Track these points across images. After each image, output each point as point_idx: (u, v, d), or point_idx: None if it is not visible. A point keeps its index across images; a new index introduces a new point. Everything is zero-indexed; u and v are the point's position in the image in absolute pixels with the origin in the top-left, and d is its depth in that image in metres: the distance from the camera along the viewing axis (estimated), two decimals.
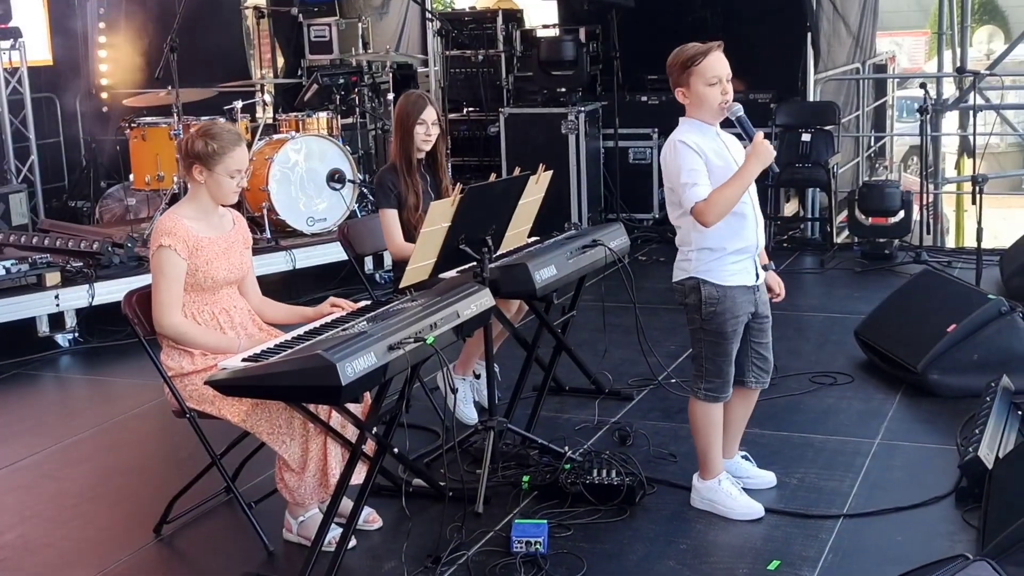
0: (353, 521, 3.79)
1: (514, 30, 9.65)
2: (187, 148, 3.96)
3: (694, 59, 3.81)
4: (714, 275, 3.86)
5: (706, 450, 4.02)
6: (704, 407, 3.98)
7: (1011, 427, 4.38)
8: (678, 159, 3.80)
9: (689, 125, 3.88)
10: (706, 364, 3.94)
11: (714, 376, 3.94)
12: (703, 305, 3.86)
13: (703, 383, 3.96)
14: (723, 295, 3.85)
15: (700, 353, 3.96)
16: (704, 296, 3.86)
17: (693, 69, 3.81)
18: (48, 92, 9.69)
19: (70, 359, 6.51)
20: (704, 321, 3.89)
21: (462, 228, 4.15)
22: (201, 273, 3.92)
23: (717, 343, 3.91)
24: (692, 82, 3.82)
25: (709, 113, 3.85)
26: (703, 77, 3.81)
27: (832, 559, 3.70)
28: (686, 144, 3.80)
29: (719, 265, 3.86)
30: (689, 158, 3.78)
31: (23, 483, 4.73)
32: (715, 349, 3.92)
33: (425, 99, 4.97)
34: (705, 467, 4.05)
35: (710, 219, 3.73)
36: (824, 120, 8.40)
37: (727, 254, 3.85)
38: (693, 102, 3.86)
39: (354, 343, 3.42)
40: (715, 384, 3.95)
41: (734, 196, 3.75)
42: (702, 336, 3.93)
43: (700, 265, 3.87)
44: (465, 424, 4.82)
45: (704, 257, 3.87)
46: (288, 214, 7.65)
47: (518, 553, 3.74)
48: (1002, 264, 6.97)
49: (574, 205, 8.67)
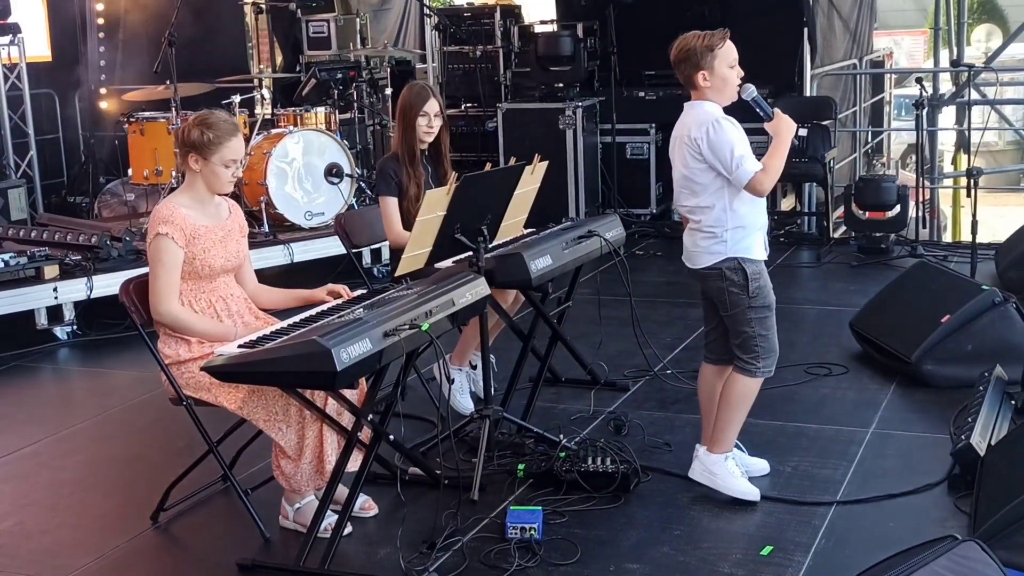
0: (349, 508, 3.81)
1: (512, 26, 9.66)
2: (184, 137, 3.98)
3: (718, 42, 3.89)
4: (750, 251, 3.95)
5: (729, 425, 4.06)
6: (756, 383, 4.04)
7: (1004, 416, 4.41)
8: (725, 135, 3.85)
9: (713, 107, 3.93)
10: (760, 342, 3.98)
11: (769, 351, 4.01)
12: (749, 282, 3.93)
13: (760, 361, 4.00)
14: (760, 269, 3.98)
15: (752, 332, 3.98)
16: (749, 273, 3.93)
17: (718, 52, 3.88)
18: (47, 88, 9.72)
19: (68, 351, 6.53)
20: (751, 298, 3.94)
21: (458, 217, 4.17)
22: (198, 261, 3.94)
23: (766, 317, 3.98)
24: (717, 65, 3.88)
25: (727, 95, 3.94)
26: (727, 59, 3.90)
27: (825, 544, 3.73)
28: (728, 120, 3.89)
29: (751, 242, 3.96)
30: (734, 134, 3.87)
31: (21, 472, 4.75)
32: (765, 324, 3.99)
33: (428, 91, 4.96)
34: (719, 441, 4.07)
35: (767, 187, 3.87)
36: (820, 115, 8.42)
37: (755, 231, 3.97)
38: (715, 85, 3.91)
39: (350, 329, 3.44)
40: (771, 359, 4.02)
41: (781, 166, 3.88)
42: (751, 315, 3.97)
43: (736, 245, 3.93)
44: (461, 414, 4.84)
45: (738, 236, 3.93)
46: (286, 208, 7.68)
47: (513, 539, 3.77)
48: (997, 258, 7.00)
49: (571, 200, 8.69)
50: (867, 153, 10.96)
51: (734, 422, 4.06)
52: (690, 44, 3.91)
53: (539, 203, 4.84)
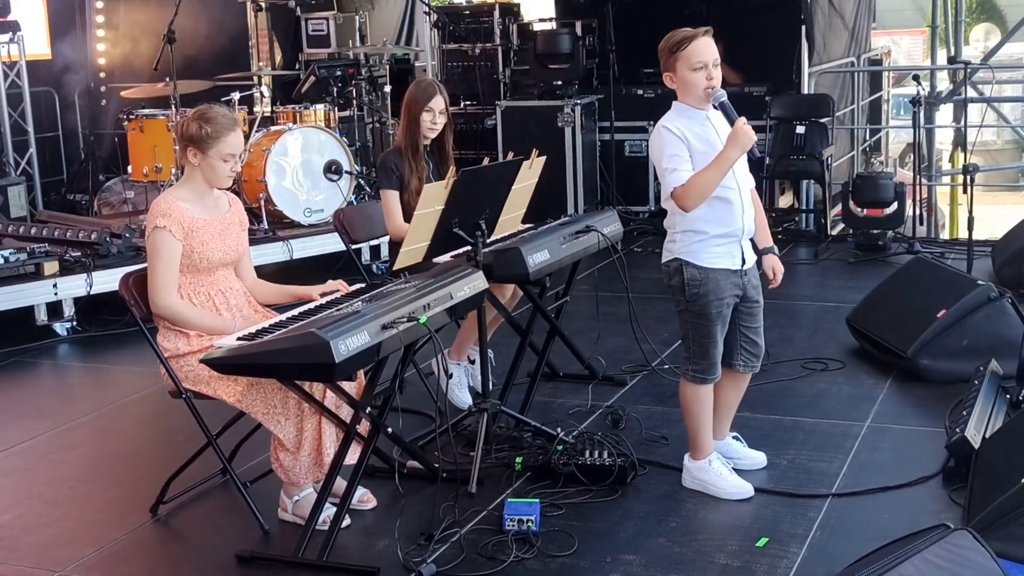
0: (347, 500, 3.84)
1: (511, 24, 9.68)
2: (183, 131, 4.00)
3: (680, 44, 3.86)
4: (697, 257, 3.91)
5: (697, 431, 4.07)
6: (693, 388, 4.03)
7: (998, 410, 4.43)
8: (661, 144, 3.87)
9: (677, 111, 3.94)
10: (693, 346, 4.00)
11: (700, 358, 3.99)
12: (686, 287, 3.92)
13: (691, 365, 4.01)
14: (705, 277, 3.90)
15: (687, 335, 4.01)
16: (687, 278, 3.91)
17: (679, 54, 3.86)
18: (47, 86, 9.74)
19: (68, 347, 6.55)
20: (688, 303, 3.94)
21: (456, 211, 4.19)
22: (197, 254, 3.96)
23: (702, 325, 3.95)
24: (678, 67, 3.87)
25: (695, 98, 3.90)
26: (688, 62, 3.85)
27: (820, 536, 3.75)
28: (668, 129, 3.86)
29: (702, 248, 3.91)
30: (671, 143, 3.84)
31: (21, 466, 4.77)
32: (700, 331, 3.97)
33: (435, 87, 4.97)
34: (696, 447, 4.09)
35: (689, 203, 3.79)
36: (818, 113, 8.44)
37: (710, 237, 3.91)
38: (679, 87, 3.91)
39: (348, 322, 3.46)
40: (702, 366, 3.99)
41: (713, 181, 3.78)
42: (688, 318, 3.98)
43: (683, 247, 3.93)
44: (459, 408, 4.86)
45: (688, 239, 3.92)
46: (285, 205, 7.70)
47: (510, 531, 3.79)
48: (993, 254, 7.03)
49: (570, 197, 8.72)
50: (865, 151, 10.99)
51: (698, 427, 4.06)
52: (661, 45, 3.93)
53: (538, 201, 4.87)
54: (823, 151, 8.24)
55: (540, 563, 3.65)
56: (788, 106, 8.53)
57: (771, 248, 4.11)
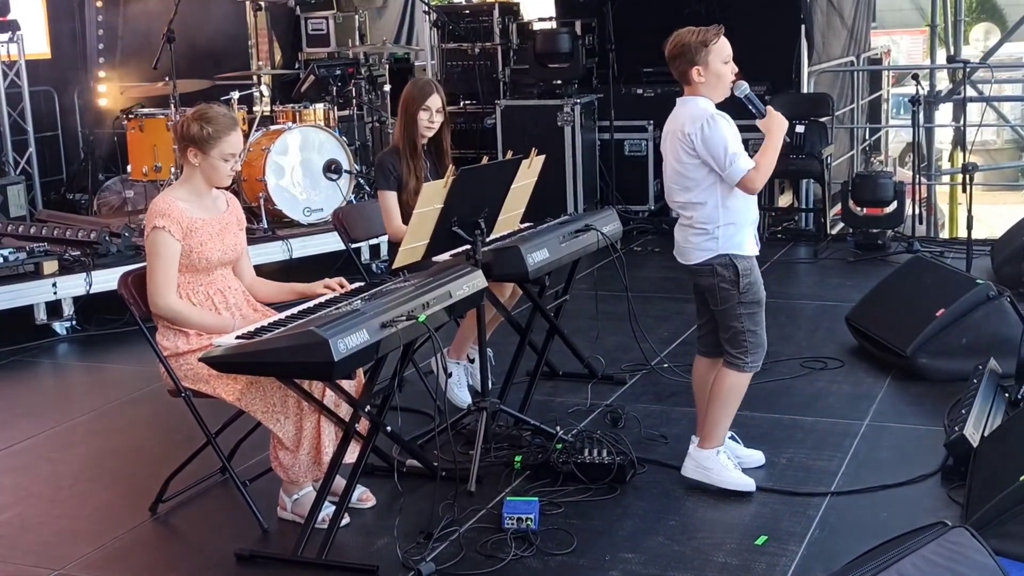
0: (346, 499, 3.84)
1: (510, 23, 9.68)
2: (182, 131, 4.00)
3: (712, 38, 3.90)
4: (742, 248, 3.97)
5: (720, 420, 4.08)
6: (745, 378, 4.06)
7: (997, 408, 4.43)
8: (719, 132, 3.87)
9: (708, 103, 3.95)
10: (749, 337, 4.01)
11: (758, 346, 4.03)
12: (740, 278, 3.95)
13: (749, 356, 4.02)
14: (751, 265, 3.99)
15: (741, 327, 4.00)
16: (740, 270, 3.95)
17: (711, 48, 3.90)
18: (46, 85, 9.73)
19: (67, 346, 6.55)
20: (742, 294, 3.97)
21: (455, 210, 4.20)
22: (195, 254, 3.96)
23: (755, 313, 4.01)
24: (711, 60, 3.90)
25: (721, 91, 3.95)
26: (721, 55, 3.91)
27: (819, 534, 3.75)
28: (724, 117, 3.91)
29: (743, 238, 3.98)
30: (728, 130, 3.89)
31: (20, 464, 4.77)
32: (755, 319, 4.01)
33: (432, 86, 4.96)
34: (711, 436, 4.09)
35: (759, 185, 3.90)
36: (818, 112, 8.44)
37: (746, 226, 3.98)
38: (709, 81, 3.92)
39: (347, 320, 3.47)
40: (759, 354, 4.04)
41: (773, 163, 3.91)
42: (741, 311, 3.99)
43: (727, 241, 3.95)
44: (458, 407, 4.87)
45: (730, 232, 3.95)
46: (285, 204, 7.70)
47: (509, 529, 3.79)
48: (993, 253, 7.04)
49: (570, 197, 8.71)
50: (865, 151, 10.99)
51: (725, 417, 4.08)
52: (685, 40, 3.92)
53: (537, 200, 4.86)
54: (822, 150, 8.24)
55: (539, 561, 3.65)
56: (787, 105, 8.46)
57: None
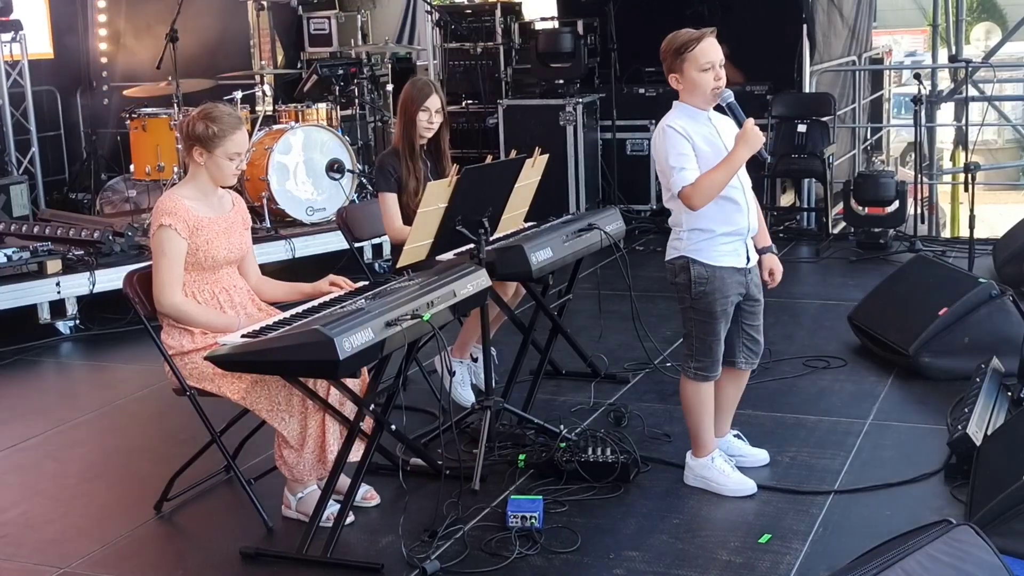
0: (351, 497, 3.85)
1: (512, 22, 9.70)
2: (188, 130, 4.01)
3: (687, 45, 3.87)
4: (703, 255, 3.92)
5: (697, 428, 4.08)
6: (694, 386, 4.04)
7: (1000, 407, 4.44)
8: (666, 143, 3.87)
9: (680, 110, 3.94)
10: (696, 343, 4.00)
11: (703, 355, 4.00)
12: (692, 284, 3.93)
13: (693, 362, 4.02)
14: (712, 275, 3.92)
15: (690, 332, 4.02)
16: (693, 275, 3.92)
17: (686, 55, 3.86)
18: (49, 85, 9.74)
19: (71, 345, 6.57)
20: (693, 300, 3.95)
21: (459, 209, 4.20)
22: (201, 253, 3.97)
23: (706, 322, 3.96)
24: (685, 68, 3.88)
25: (701, 99, 3.91)
26: (696, 63, 3.86)
27: (822, 533, 3.76)
28: (674, 128, 3.87)
29: (709, 246, 3.92)
30: (677, 142, 3.84)
31: (26, 463, 4.79)
32: (704, 328, 3.97)
33: (431, 86, 4.96)
34: (697, 445, 4.11)
35: (697, 203, 3.81)
36: (820, 111, 8.45)
37: (717, 235, 3.92)
38: (686, 88, 3.91)
39: (352, 319, 3.48)
40: (704, 363, 4.00)
41: (722, 180, 3.81)
42: (692, 315, 3.99)
43: (690, 245, 3.93)
44: (462, 406, 4.88)
45: (694, 237, 3.93)
46: (287, 204, 7.71)
47: (513, 527, 3.80)
48: (995, 252, 7.04)
49: (572, 196, 8.73)
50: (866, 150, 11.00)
51: (699, 424, 4.07)
52: (665, 46, 3.93)
53: (540, 199, 4.87)
54: (824, 149, 8.25)
55: (543, 559, 3.66)
56: (789, 105, 8.54)
57: (770, 247, 4.12)
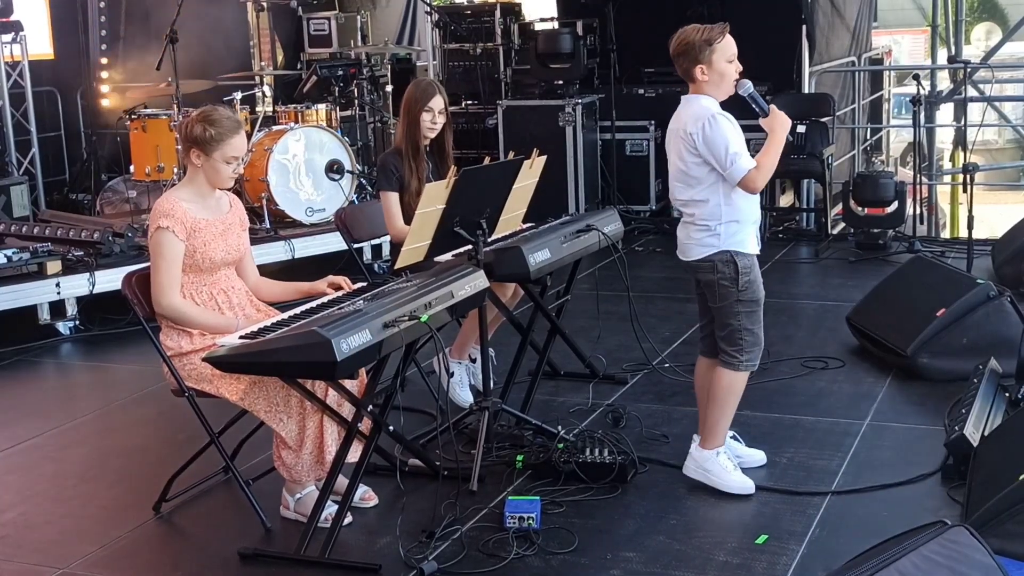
0: (349, 498, 3.86)
1: (512, 23, 9.70)
2: (186, 132, 4.02)
3: (716, 36, 3.91)
4: (743, 245, 3.98)
5: (719, 420, 4.09)
6: (740, 377, 4.07)
7: (997, 408, 4.44)
8: (721, 131, 3.88)
9: (711, 102, 3.96)
10: (746, 336, 4.02)
11: (754, 345, 4.03)
12: (740, 276, 3.96)
13: (744, 355, 4.03)
14: (752, 263, 4.00)
15: (739, 325, 4.01)
16: (740, 267, 3.96)
17: (716, 46, 3.91)
18: (49, 86, 9.75)
19: (71, 346, 6.58)
20: (741, 292, 3.98)
21: (457, 210, 4.21)
22: (199, 254, 3.98)
23: (754, 311, 4.01)
24: (714, 59, 3.91)
25: (725, 89, 3.96)
26: (725, 54, 3.92)
27: (819, 534, 3.77)
28: (725, 117, 3.91)
29: (744, 236, 3.99)
30: (730, 130, 3.90)
31: (25, 463, 4.79)
32: (753, 318, 4.02)
33: (435, 87, 4.97)
34: (710, 437, 4.10)
35: (760, 185, 3.91)
36: (819, 112, 8.45)
37: (748, 224, 4.00)
38: (712, 79, 3.94)
39: (350, 320, 3.49)
40: (755, 353, 4.05)
41: (775, 163, 3.93)
42: (739, 308, 4.00)
43: (729, 238, 3.96)
44: (460, 406, 4.88)
45: (732, 230, 3.96)
46: (287, 204, 7.72)
47: (511, 528, 3.81)
48: (994, 253, 7.05)
49: (571, 197, 8.73)
50: (866, 150, 11.00)
51: (723, 417, 4.09)
52: (689, 38, 3.94)
53: (539, 200, 4.88)
54: (823, 150, 8.25)
55: (541, 560, 3.67)
56: (789, 105, 8.42)
57: None
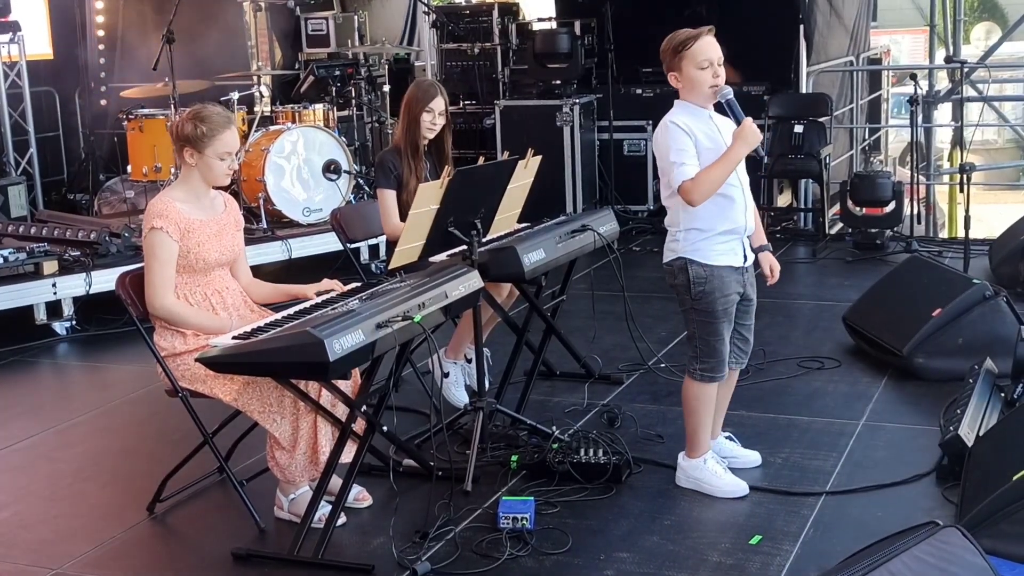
0: (343, 499, 3.85)
1: (510, 23, 9.69)
2: (177, 132, 4.01)
3: (685, 43, 3.88)
4: (701, 255, 3.93)
5: (696, 429, 4.08)
6: (699, 387, 4.04)
7: (993, 408, 4.44)
8: (668, 139, 3.88)
9: (682, 108, 3.95)
10: (699, 344, 4.00)
11: (708, 356, 4.00)
12: (691, 285, 3.93)
13: (698, 363, 4.02)
14: (710, 274, 3.92)
15: (693, 334, 4.02)
16: (692, 276, 3.93)
17: (684, 53, 3.88)
18: (47, 86, 9.75)
19: (67, 346, 6.57)
20: (694, 300, 3.95)
21: (451, 210, 4.21)
22: (193, 255, 3.98)
23: (708, 323, 3.97)
24: (683, 66, 3.89)
25: (701, 96, 3.92)
26: (694, 61, 3.88)
27: (813, 534, 3.76)
28: (676, 124, 3.88)
29: (707, 245, 3.93)
30: (679, 138, 3.86)
31: (19, 463, 4.79)
32: (706, 329, 3.98)
33: (436, 88, 4.96)
34: (693, 446, 4.10)
35: (696, 198, 3.81)
36: (817, 112, 8.44)
37: (715, 234, 3.92)
38: (685, 86, 3.92)
39: (343, 321, 3.48)
40: (710, 364, 4.01)
41: (720, 177, 3.82)
42: (694, 316, 3.99)
43: (688, 245, 3.94)
44: (455, 406, 4.88)
45: (692, 237, 3.93)
46: (284, 204, 7.72)
47: (505, 529, 3.80)
48: (991, 253, 7.05)
49: (569, 197, 8.74)
50: (864, 150, 11.00)
51: (700, 425, 4.07)
52: (664, 45, 3.94)
53: (537, 200, 4.88)
54: (821, 150, 8.25)
55: (534, 561, 3.66)
56: (786, 105, 8.54)
57: (766, 246, 4.13)
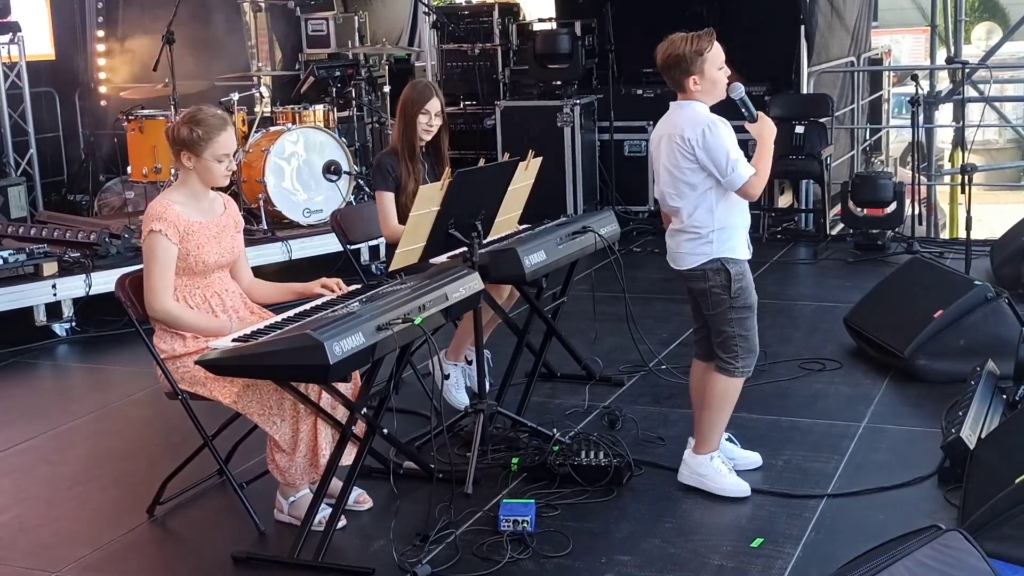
0: (343, 501, 3.84)
1: (510, 24, 9.69)
2: (174, 135, 3.99)
3: (706, 46, 3.89)
4: (735, 252, 3.97)
5: (714, 425, 4.08)
6: (736, 383, 4.06)
7: (995, 410, 4.43)
8: (720, 139, 3.86)
9: (703, 107, 3.95)
10: (740, 342, 4.01)
11: (749, 351, 4.02)
12: (732, 283, 3.95)
13: (740, 361, 4.02)
14: (744, 269, 3.99)
15: (732, 332, 4.00)
16: (733, 274, 3.95)
17: (707, 55, 3.89)
18: (47, 87, 9.75)
19: (67, 348, 6.56)
20: (733, 299, 3.97)
21: (451, 212, 4.19)
22: (192, 257, 3.96)
23: (747, 317, 4.00)
24: (707, 68, 3.90)
25: (717, 96, 3.95)
26: (716, 62, 3.91)
27: (815, 537, 3.75)
28: (724, 123, 3.90)
29: (736, 242, 3.98)
30: (728, 137, 3.88)
31: (19, 466, 4.78)
32: (746, 324, 4.00)
33: (431, 89, 4.96)
34: (706, 441, 4.09)
35: (758, 191, 3.92)
36: (817, 112, 8.44)
37: (738, 230, 3.99)
38: (705, 88, 3.92)
39: (343, 323, 3.47)
40: (750, 359, 4.04)
41: (769, 168, 3.94)
42: (732, 315, 3.99)
43: (721, 245, 3.95)
44: (456, 409, 4.87)
45: (723, 237, 3.95)
46: (284, 205, 7.71)
47: (505, 531, 3.79)
48: (992, 253, 7.03)
49: (569, 197, 8.73)
50: (865, 151, 10.98)
51: (718, 422, 4.08)
52: (678, 49, 3.91)
53: (537, 201, 4.86)
54: (822, 151, 8.24)
55: (535, 564, 3.65)
56: (787, 106, 8.53)
57: None
